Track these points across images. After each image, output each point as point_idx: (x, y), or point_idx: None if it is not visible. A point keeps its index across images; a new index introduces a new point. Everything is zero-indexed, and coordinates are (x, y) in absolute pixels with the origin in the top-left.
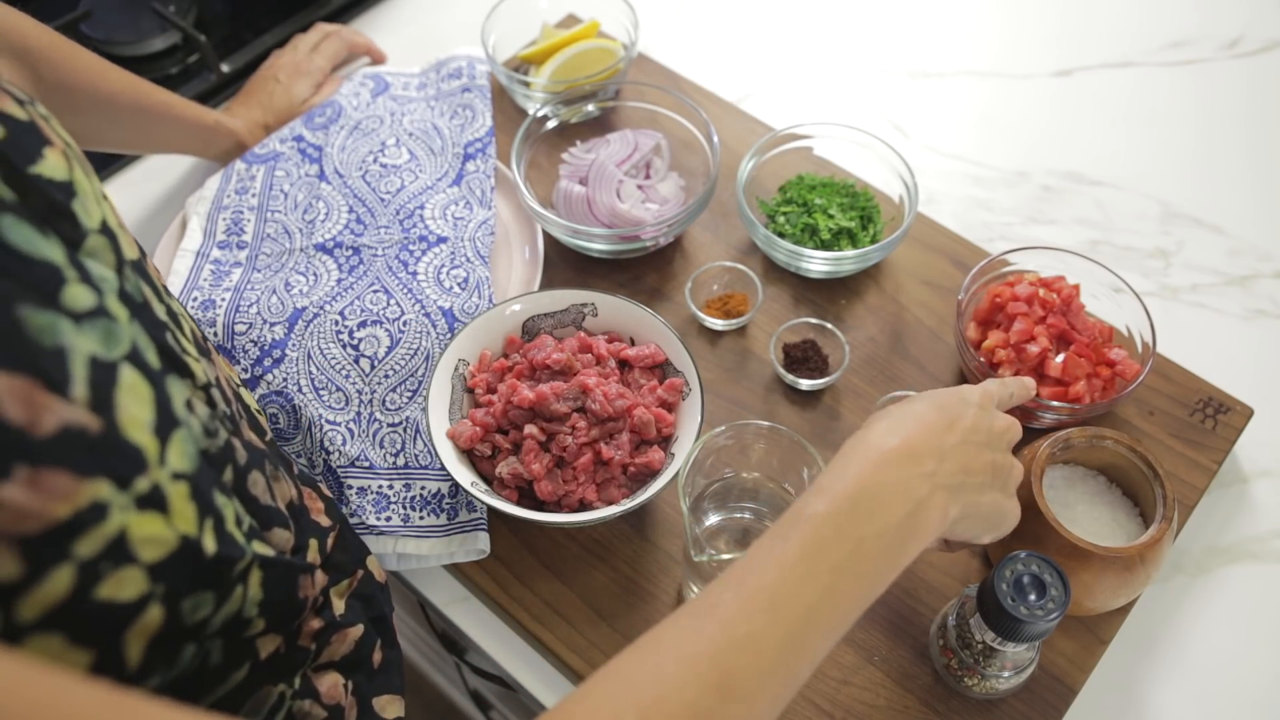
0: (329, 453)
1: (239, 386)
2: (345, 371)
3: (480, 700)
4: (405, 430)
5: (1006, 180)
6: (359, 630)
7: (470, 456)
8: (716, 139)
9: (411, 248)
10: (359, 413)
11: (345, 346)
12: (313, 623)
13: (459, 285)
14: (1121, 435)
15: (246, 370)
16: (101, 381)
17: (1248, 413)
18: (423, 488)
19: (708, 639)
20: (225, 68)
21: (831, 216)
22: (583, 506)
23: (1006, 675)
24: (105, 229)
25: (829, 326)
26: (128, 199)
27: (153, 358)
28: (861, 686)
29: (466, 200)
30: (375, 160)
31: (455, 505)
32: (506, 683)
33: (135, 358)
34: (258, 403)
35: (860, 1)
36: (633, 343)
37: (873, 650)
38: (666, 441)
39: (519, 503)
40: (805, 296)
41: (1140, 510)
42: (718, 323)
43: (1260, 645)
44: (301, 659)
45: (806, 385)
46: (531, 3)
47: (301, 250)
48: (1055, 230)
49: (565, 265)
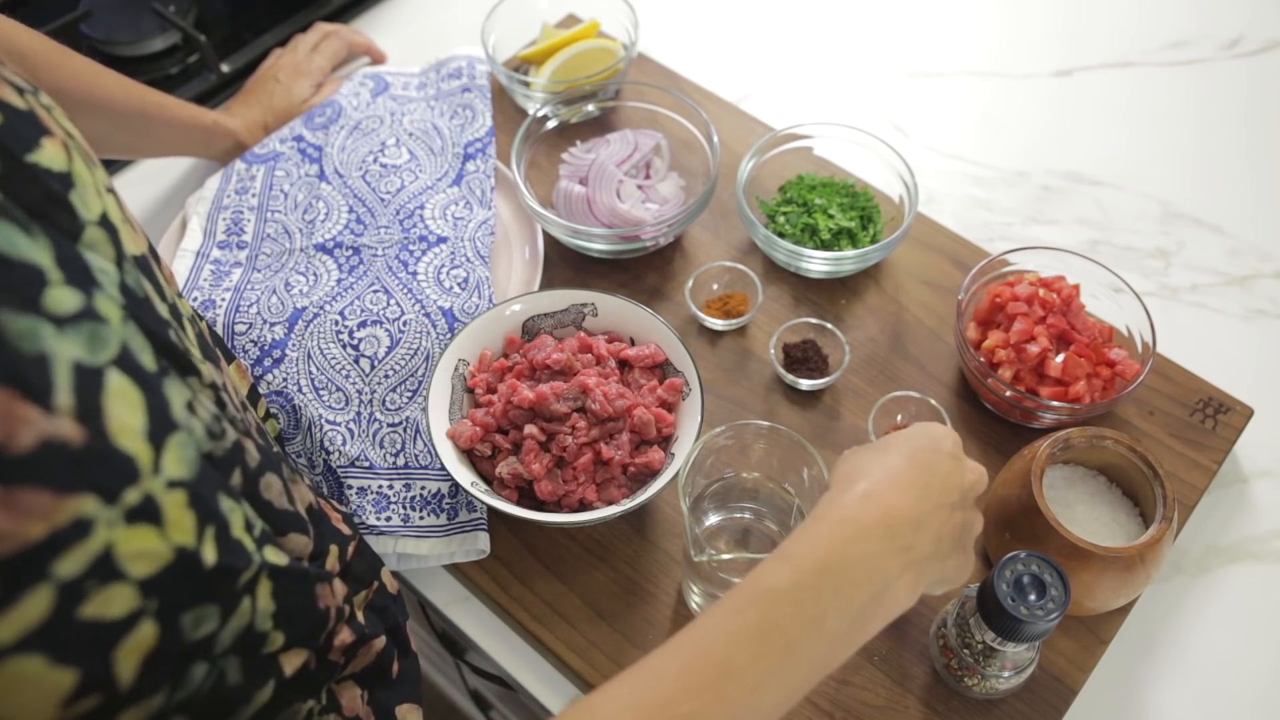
0: (329, 453)
1: (244, 399)
2: (345, 371)
3: (480, 700)
4: (405, 430)
5: (1006, 180)
6: (381, 642)
7: (470, 456)
8: (716, 139)
9: (411, 248)
10: (359, 413)
11: (345, 346)
12: (344, 635)
13: (459, 285)
14: (1121, 435)
15: (246, 370)
16: (87, 388)
17: (1248, 413)
18: (423, 488)
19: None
20: (225, 68)
21: (831, 216)
22: (583, 506)
23: (1006, 675)
24: (105, 222)
25: (829, 326)
26: (128, 199)
27: (148, 359)
28: (861, 686)
29: (466, 200)
30: (375, 160)
31: (455, 505)
32: (506, 683)
33: (125, 361)
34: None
35: (860, 1)
36: (633, 343)
37: (872, 650)
38: (666, 441)
39: (519, 503)
40: (805, 296)
41: (1140, 510)
42: (718, 323)
43: (1260, 645)
44: (329, 673)
45: (806, 385)
46: (531, 3)
47: (301, 250)
48: (1055, 230)
49: (565, 265)
